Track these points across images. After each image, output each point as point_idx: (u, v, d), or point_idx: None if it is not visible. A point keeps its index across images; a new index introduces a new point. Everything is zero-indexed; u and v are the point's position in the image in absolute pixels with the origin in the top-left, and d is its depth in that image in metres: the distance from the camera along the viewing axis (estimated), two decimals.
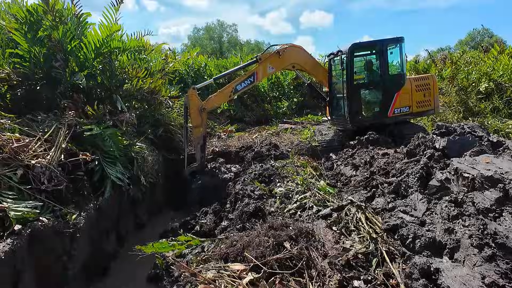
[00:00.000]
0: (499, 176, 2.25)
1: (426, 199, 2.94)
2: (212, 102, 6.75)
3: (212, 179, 6.19)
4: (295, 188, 4.43)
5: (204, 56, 14.46)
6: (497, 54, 10.31)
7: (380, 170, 3.98)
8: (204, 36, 47.93)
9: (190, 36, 48.82)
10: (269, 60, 6.79)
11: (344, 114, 7.03)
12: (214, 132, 10.04)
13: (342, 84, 6.99)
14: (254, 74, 6.73)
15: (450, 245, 2.29)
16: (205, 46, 45.41)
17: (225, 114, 11.81)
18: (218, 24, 49.63)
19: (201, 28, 49.58)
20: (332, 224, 3.13)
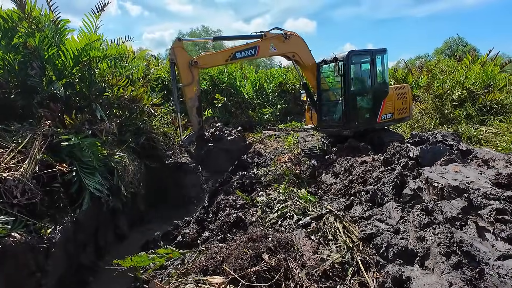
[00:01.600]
0: (465, 185, 2.37)
1: (400, 207, 3.05)
2: (205, 58, 6.13)
3: (220, 143, 5.61)
4: (276, 197, 4.47)
5: None
6: (469, 63, 10.82)
7: (358, 179, 4.08)
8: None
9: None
10: (274, 39, 6.64)
11: (340, 120, 7.14)
12: None
13: (337, 91, 7.21)
14: (256, 47, 6.51)
15: (421, 253, 2.38)
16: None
17: (209, 121, 11.79)
18: (203, 29, 49.66)
19: (186, 33, 49.45)
20: (311, 233, 3.18)
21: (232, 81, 12.62)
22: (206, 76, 13.00)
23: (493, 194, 2.16)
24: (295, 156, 7.13)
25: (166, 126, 8.65)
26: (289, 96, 13.46)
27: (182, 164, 7.92)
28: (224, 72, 12.83)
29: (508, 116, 8.82)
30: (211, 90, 12.83)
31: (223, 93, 12.41)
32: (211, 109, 11.55)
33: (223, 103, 12.07)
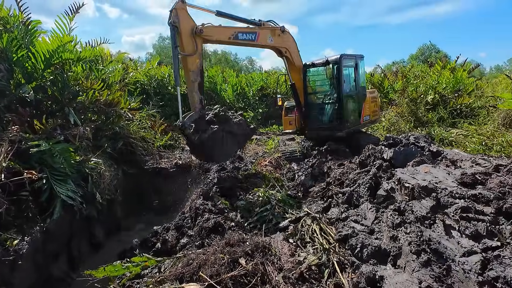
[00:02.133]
0: (433, 185, 2.47)
1: (375, 208, 3.12)
2: (211, 29, 5.54)
3: (226, 125, 5.02)
4: (256, 200, 4.47)
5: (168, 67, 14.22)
6: (440, 69, 11.35)
7: (335, 181, 4.16)
8: (170, 45, 47.24)
9: (155, 45, 47.89)
10: (272, 30, 6.60)
11: (332, 122, 7.27)
12: (178, 144, 9.85)
13: (328, 92, 7.36)
14: (256, 33, 6.38)
15: (394, 252, 2.44)
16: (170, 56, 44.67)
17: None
18: None
19: (167, 37, 48.85)
20: (289, 236, 3.19)
21: (213, 85, 12.56)
22: None
23: (458, 193, 2.26)
24: (276, 159, 7.17)
25: (144, 131, 8.48)
26: (270, 100, 13.54)
27: (161, 169, 7.77)
28: (205, 76, 12.76)
29: (476, 119, 9.30)
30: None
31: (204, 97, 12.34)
32: None
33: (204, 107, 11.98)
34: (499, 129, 8.13)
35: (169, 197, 7.53)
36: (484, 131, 8.13)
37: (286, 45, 6.95)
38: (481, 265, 1.83)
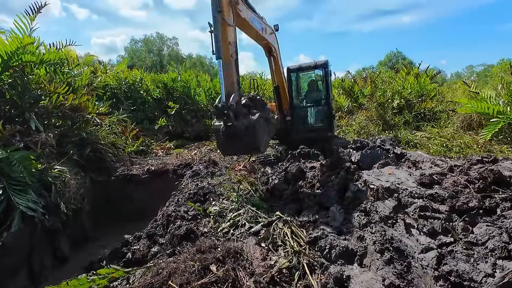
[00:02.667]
0: (395, 186, 2.60)
1: (343, 209, 3.22)
2: (242, 6, 5.00)
3: (263, 112, 4.49)
4: (229, 205, 4.45)
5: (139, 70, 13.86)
6: (405, 75, 12.01)
7: (307, 184, 4.24)
8: (142, 48, 46.09)
9: (127, 48, 46.50)
10: (269, 26, 6.45)
11: (323, 123, 7.51)
12: (151, 150, 9.60)
13: (316, 95, 7.62)
14: (263, 25, 6.19)
15: (360, 252, 2.54)
16: (143, 59, 43.62)
17: (164, 130, 11.40)
18: (158, 36, 48.35)
19: (139, 40, 47.68)
20: (261, 240, 3.20)
21: (186, 89, 12.40)
22: (160, 84, 12.60)
23: (417, 193, 2.40)
24: (250, 164, 7.19)
25: (115, 137, 8.19)
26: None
27: (132, 176, 7.53)
28: (178, 80, 12.56)
29: (438, 122, 9.91)
30: (165, 98, 12.45)
31: (177, 101, 12.12)
32: (164, 118, 11.18)
33: (178, 112, 11.77)
34: (458, 132, 8.72)
35: (141, 204, 7.30)
36: (445, 133, 8.69)
37: (274, 45, 7.00)
38: (437, 260, 1.95)
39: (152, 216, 5.68)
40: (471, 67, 50.86)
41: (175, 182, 6.87)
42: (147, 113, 11.64)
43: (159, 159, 8.76)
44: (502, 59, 20.25)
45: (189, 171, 7.10)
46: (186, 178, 6.66)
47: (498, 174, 2.36)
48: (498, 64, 19.84)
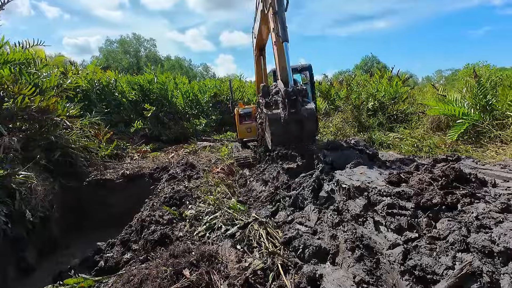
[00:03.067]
0: (365, 185, 2.67)
1: (318, 209, 3.27)
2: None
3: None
4: (206, 208, 4.39)
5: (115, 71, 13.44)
6: (379, 78, 12.45)
7: (283, 185, 4.27)
8: (118, 49, 44.76)
9: (102, 49, 44.99)
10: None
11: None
12: (127, 153, 9.32)
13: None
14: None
15: (332, 250, 2.58)
16: (119, 60, 42.40)
17: (140, 133, 11.12)
18: (134, 37, 47.17)
19: (115, 40, 46.28)
20: (236, 242, 3.19)
21: (163, 91, 12.17)
22: (136, 86, 12.28)
23: (385, 191, 2.47)
24: (228, 166, 7.16)
25: (87, 140, 7.88)
26: (224, 107, 13.53)
27: (106, 181, 7.28)
28: (155, 82, 12.30)
29: (410, 124, 10.34)
30: (141, 100, 12.15)
31: (154, 103, 11.86)
32: (140, 121, 10.90)
33: (155, 115, 11.52)
34: (428, 133, 9.14)
35: (116, 210, 7.07)
36: (416, 134, 9.07)
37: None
38: (403, 255, 2.02)
39: (127, 222, 5.51)
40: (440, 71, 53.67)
41: (151, 186, 6.72)
42: (122, 116, 11.31)
43: (134, 163, 8.52)
44: (467, 64, 21.51)
45: (165, 175, 6.96)
46: (163, 182, 6.53)
47: (459, 172, 2.49)
48: (464, 69, 21.03)
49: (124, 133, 10.75)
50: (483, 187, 2.48)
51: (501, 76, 10.68)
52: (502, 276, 1.58)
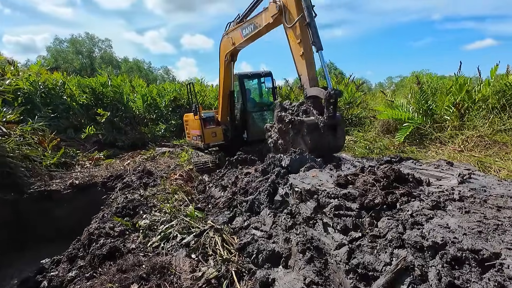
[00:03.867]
0: (315, 188, 2.77)
1: (273, 213, 3.32)
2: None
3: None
4: (161, 217, 4.23)
5: (65, 72, 12.47)
6: (335, 84, 13.07)
7: (240, 190, 4.27)
8: (69, 49, 41.69)
9: (50, 48, 41.56)
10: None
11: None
12: (77, 161, 8.67)
13: (266, 100, 8.36)
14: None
15: (285, 254, 2.63)
16: (70, 61, 39.54)
17: (92, 139, 10.41)
18: (88, 37, 44.33)
19: (65, 39, 43.05)
20: (191, 251, 3.11)
21: (118, 95, 11.55)
22: (87, 89, 11.51)
23: (333, 193, 2.59)
24: (187, 172, 6.99)
25: (29, 148, 7.20)
26: (184, 111, 13.22)
27: (51, 192, 6.71)
28: (109, 84, 11.63)
29: (363, 127, 10.98)
30: (93, 104, 11.41)
31: (108, 108, 11.21)
32: (93, 126, 10.23)
33: (109, 119, 10.88)
34: (379, 135, 9.78)
35: (64, 223, 6.55)
36: (369, 137, 9.66)
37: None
38: (348, 255, 2.12)
39: (77, 236, 5.12)
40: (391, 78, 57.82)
41: (104, 196, 6.31)
42: (71, 121, 10.51)
43: (85, 172, 7.96)
44: (413, 72, 23.51)
45: (120, 183, 6.59)
46: (116, 191, 6.17)
47: (399, 173, 2.68)
48: (410, 76, 22.94)
49: (74, 139, 10.00)
50: (419, 186, 2.70)
51: (440, 83, 11.82)
52: (430, 269, 1.72)
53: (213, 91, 15.22)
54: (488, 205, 2.18)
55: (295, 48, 4.66)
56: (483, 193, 2.40)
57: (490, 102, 7.84)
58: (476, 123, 7.72)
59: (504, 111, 7.54)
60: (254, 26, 5.64)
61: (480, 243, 1.71)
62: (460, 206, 2.18)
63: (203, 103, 13.24)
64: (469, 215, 2.04)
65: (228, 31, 6.57)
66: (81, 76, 14.21)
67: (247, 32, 5.86)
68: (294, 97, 13.26)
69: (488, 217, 1.99)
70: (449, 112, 8.43)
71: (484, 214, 2.04)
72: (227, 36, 6.63)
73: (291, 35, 4.69)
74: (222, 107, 7.82)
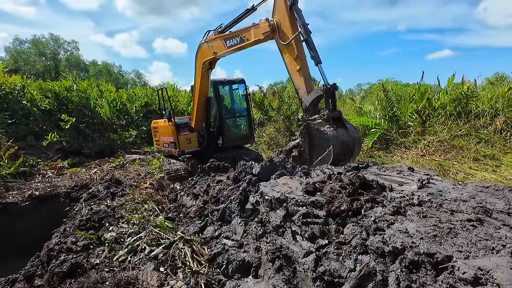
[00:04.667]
0: (284, 196, 2.80)
1: (244, 221, 3.31)
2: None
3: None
4: (129, 229, 4.06)
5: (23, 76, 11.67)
6: None
7: (212, 198, 4.22)
8: (31, 50, 39.25)
9: (9, 49, 38.87)
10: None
11: (248, 131, 8.31)
12: (37, 171, 8.13)
13: (241, 107, 8.40)
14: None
15: (255, 263, 2.62)
16: (32, 63, 37.25)
17: (55, 146, 9.82)
18: (52, 38, 42.02)
19: (27, 40, 40.51)
20: (159, 264, 3.01)
21: (84, 100, 11.02)
22: (50, 94, 10.86)
23: (302, 201, 2.63)
24: (158, 180, 6.79)
25: None
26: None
27: (7, 205, 6.24)
28: (74, 89, 11.06)
29: None
30: (56, 110, 10.78)
31: (74, 113, 10.65)
32: (56, 133, 9.66)
33: (74, 126, 10.33)
34: None
35: (21, 238, 6.10)
36: None
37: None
38: (315, 262, 2.16)
39: (36, 252, 4.78)
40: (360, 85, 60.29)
41: (67, 208, 5.96)
42: (32, 127, 9.85)
43: (47, 182, 7.47)
44: (380, 79, 24.70)
45: (85, 194, 6.25)
46: (81, 202, 5.84)
47: (363, 179, 2.79)
48: (377, 83, 24.07)
49: (35, 147, 9.38)
50: (382, 192, 2.82)
51: (404, 91, 12.51)
52: (390, 273, 1.80)
53: (186, 96, 14.99)
54: (443, 209, 2.32)
55: (291, 64, 4.85)
56: (439, 198, 2.56)
57: (448, 110, 8.43)
58: (436, 129, 8.25)
59: (460, 117, 8.13)
60: (241, 39, 5.73)
61: (435, 246, 1.81)
62: (419, 211, 2.30)
63: (176, 109, 12.98)
64: (426, 220, 2.17)
65: (208, 39, 6.54)
66: (44, 79, 13.37)
67: (232, 44, 5.95)
68: (268, 103, 13.41)
69: (442, 221, 2.12)
70: (412, 118, 8.93)
71: (439, 218, 2.17)
72: (206, 44, 6.60)
73: (286, 52, 4.88)
74: (197, 113, 7.72)
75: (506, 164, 6.28)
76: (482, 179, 5.87)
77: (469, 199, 2.46)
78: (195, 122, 7.83)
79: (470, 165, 6.57)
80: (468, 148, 7.26)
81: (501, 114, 7.73)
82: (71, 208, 5.88)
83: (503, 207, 2.26)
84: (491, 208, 2.23)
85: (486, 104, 8.17)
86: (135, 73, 54.76)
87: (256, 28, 5.33)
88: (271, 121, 12.30)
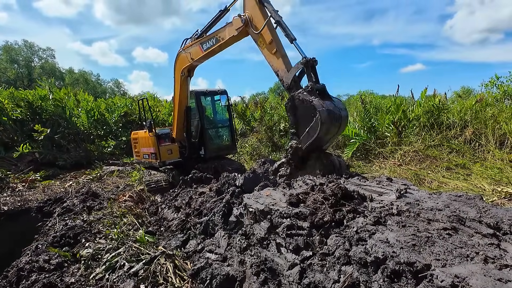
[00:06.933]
0: (268, 208, 2.81)
1: (228, 234, 3.27)
2: None
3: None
4: (107, 245, 3.90)
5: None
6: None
7: (194, 211, 4.15)
8: (2, 57, 37.56)
9: None
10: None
11: (230, 141, 8.34)
12: (6, 184, 7.68)
13: (224, 117, 8.55)
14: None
15: (239, 277, 2.59)
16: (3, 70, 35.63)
17: (27, 158, 9.34)
18: (26, 45, 40.48)
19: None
20: (140, 282, 2.90)
21: (60, 109, 10.61)
22: (22, 103, 10.38)
23: (286, 213, 2.65)
24: (138, 193, 6.60)
25: None
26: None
27: None
28: (49, 98, 10.65)
29: None
30: (29, 119, 10.31)
31: (48, 123, 10.21)
32: (28, 144, 9.20)
33: (48, 136, 9.89)
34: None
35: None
36: None
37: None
38: (299, 274, 2.17)
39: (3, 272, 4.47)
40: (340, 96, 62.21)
41: (39, 224, 5.64)
42: (1, 138, 9.34)
43: (17, 195, 7.07)
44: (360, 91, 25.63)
45: (59, 208, 5.96)
46: (54, 217, 5.55)
47: (345, 190, 2.85)
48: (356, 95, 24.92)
49: (4, 158, 8.88)
50: (363, 202, 2.90)
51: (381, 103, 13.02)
52: (373, 284, 1.84)
53: (167, 106, 14.81)
54: (421, 218, 2.41)
55: (267, 49, 4.98)
56: (417, 207, 2.66)
57: (422, 121, 8.84)
58: (412, 139, 8.62)
59: (433, 129, 8.55)
60: (216, 39, 5.85)
61: (414, 255, 1.87)
62: (398, 221, 2.38)
63: (156, 119, 12.78)
64: (405, 229, 2.24)
65: (185, 47, 6.59)
66: (16, 88, 12.75)
67: (209, 46, 6.04)
68: (250, 113, 13.50)
69: (420, 230, 2.20)
70: (389, 129, 9.29)
71: (417, 227, 2.25)
72: (184, 52, 6.64)
73: (260, 39, 5.03)
74: (178, 123, 7.63)
75: (475, 173, 6.64)
76: (455, 187, 6.16)
77: (444, 208, 2.57)
78: (176, 132, 7.73)
79: (443, 174, 6.89)
80: (441, 157, 7.62)
81: (469, 125, 8.21)
82: (44, 223, 5.57)
83: (475, 215, 2.39)
84: (464, 217, 2.35)
85: (456, 116, 8.66)
86: (114, 82, 53.56)
87: (229, 26, 5.49)
88: (254, 132, 12.37)
